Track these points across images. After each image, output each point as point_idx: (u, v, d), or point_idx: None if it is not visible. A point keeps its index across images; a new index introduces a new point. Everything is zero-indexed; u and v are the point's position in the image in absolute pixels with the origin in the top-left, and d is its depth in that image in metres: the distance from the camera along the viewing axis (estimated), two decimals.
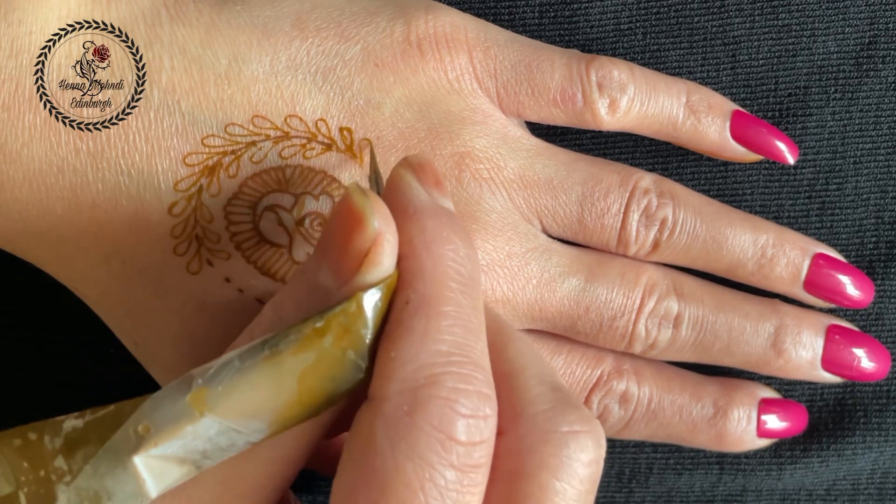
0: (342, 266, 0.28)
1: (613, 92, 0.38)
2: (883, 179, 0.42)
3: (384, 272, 0.28)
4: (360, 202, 0.28)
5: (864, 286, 0.41)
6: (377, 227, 0.28)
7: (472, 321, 0.29)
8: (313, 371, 0.28)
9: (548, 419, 0.29)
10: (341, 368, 0.28)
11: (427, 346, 0.27)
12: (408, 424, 0.27)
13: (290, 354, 0.27)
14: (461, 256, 0.29)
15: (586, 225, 0.38)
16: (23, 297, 0.42)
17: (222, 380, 0.27)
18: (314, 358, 0.28)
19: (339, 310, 0.28)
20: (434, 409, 0.27)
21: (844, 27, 0.41)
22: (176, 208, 0.35)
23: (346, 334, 0.28)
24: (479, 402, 0.27)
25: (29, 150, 0.34)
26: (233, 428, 0.27)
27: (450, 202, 0.31)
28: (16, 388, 0.43)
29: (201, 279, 0.35)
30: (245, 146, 0.35)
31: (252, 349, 0.28)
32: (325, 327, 0.27)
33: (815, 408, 0.43)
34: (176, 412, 0.27)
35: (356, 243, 0.28)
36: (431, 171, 0.31)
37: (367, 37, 0.36)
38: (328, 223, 0.29)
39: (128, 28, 0.35)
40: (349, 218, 0.28)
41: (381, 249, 0.28)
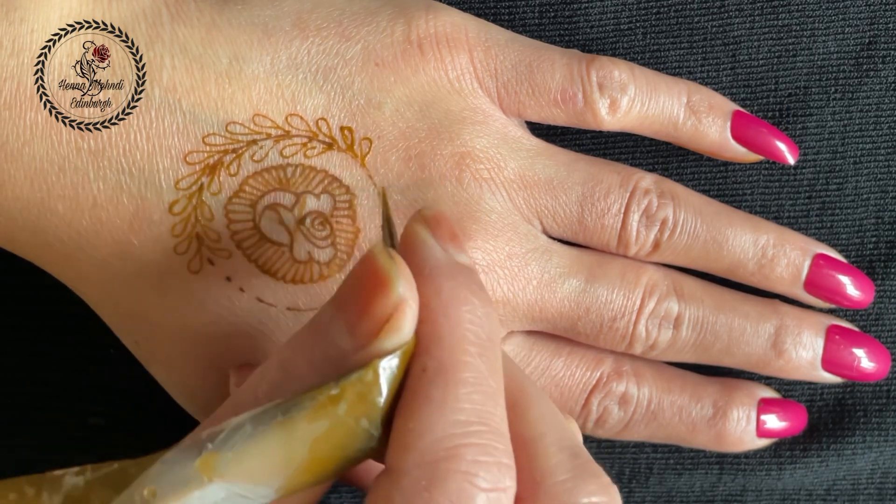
0: (361, 328, 0.27)
1: (614, 92, 0.38)
2: (883, 179, 0.42)
3: (404, 339, 0.27)
4: (385, 265, 0.27)
5: (864, 286, 0.41)
6: (401, 293, 0.27)
7: (490, 386, 0.28)
8: (326, 439, 0.27)
9: (567, 490, 0.28)
10: (354, 437, 0.27)
11: (445, 416, 0.27)
12: (426, 500, 0.26)
13: (304, 421, 0.27)
14: (479, 317, 0.28)
15: (586, 225, 0.38)
16: (23, 296, 0.42)
17: (233, 445, 0.27)
18: (327, 426, 0.27)
19: (356, 378, 0.27)
20: (453, 484, 0.26)
21: (844, 27, 0.41)
22: (177, 207, 0.35)
23: (361, 403, 0.27)
24: (500, 474, 0.27)
25: (30, 148, 0.34)
26: (240, 493, 0.27)
27: (467, 256, 0.30)
28: (16, 388, 0.43)
29: (202, 278, 0.35)
30: (246, 145, 0.35)
31: (265, 413, 0.27)
32: (340, 395, 0.27)
33: (814, 408, 0.43)
34: (185, 477, 0.27)
35: (378, 308, 0.27)
36: (447, 226, 0.30)
37: (368, 36, 0.36)
38: (349, 280, 0.28)
39: (129, 27, 0.35)
40: (373, 280, 0.27)
41: (404, 316, 0.27)
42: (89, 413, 0.43)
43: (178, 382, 0.38)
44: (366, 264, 0.28)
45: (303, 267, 0.35)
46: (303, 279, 0.35)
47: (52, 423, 0.43)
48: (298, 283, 0.35)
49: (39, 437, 0.43)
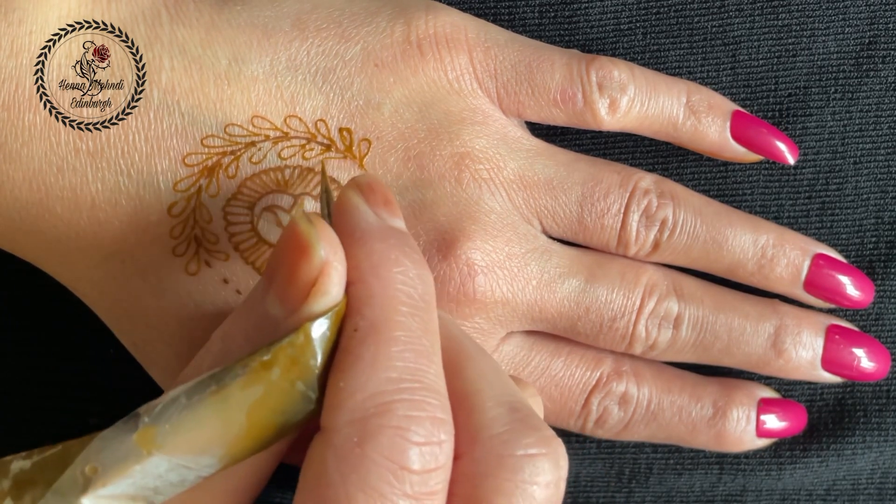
0: (289, 295, 0.28)
1: (614, 92, 0.38)
2: (883, 179, 0.42)
3: (332, 300, 0.28)
4: (305, 230, 0.28)
5: (864, 286, 0.41)
6: (324, 255, 0.27)
7: (423, 344, 0.28)
8: (262, 405, 0.27)
9: (503, 442, 0.29)
10: (291, 401, 0.28)
11: (377, 373, 0.27)
12: (358, 455, 0.26)
13: (238, 389, 0.27)
14: (411, 278, 0.29)
15: (586, 225, 0.38)
16: (23, 296, 0.42)
17: (169, 417, 0.27)
18: (262, 391, 0.27)
19: (287, 342, 0.27)
20: (385, 438, 0.26)
21: (844, 27, 0.41)
22: (175, 209, 0.35)
23: (294, 366, 0.27)
24: (433, 427, 0.27)
25: (29, 149, 0.34)
26: (182, 464, 0.27)
27: (400, 221, 0.30)
28: (16, 388, 0.43)
29: (199, 280, 0.35)
30: (244, 146, 0.35)
31: (199, 384, 0.27)
32: (273, 360, 0.27)
33: (814, 408, 0.43)
34: (123, 452, 0.27)
35: (303, 272, 0.27)
36: (380, 191, 0.31)
37: (367, 37, 0.36)
38: (274, 251, 0.29)
39: (128, 28, 0.35)
40: (295, 246, 0.28)
41: (329, 279, 0.27)
42: (89, 413, 0.43)
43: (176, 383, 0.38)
44: (287, 232, 0.28)
45: None
46: None
47: (52, 423, 0.43)
48: None
49: (39, 437, 0.43)
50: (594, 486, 0.44)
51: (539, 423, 0.29)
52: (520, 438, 0.29)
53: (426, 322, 0.29)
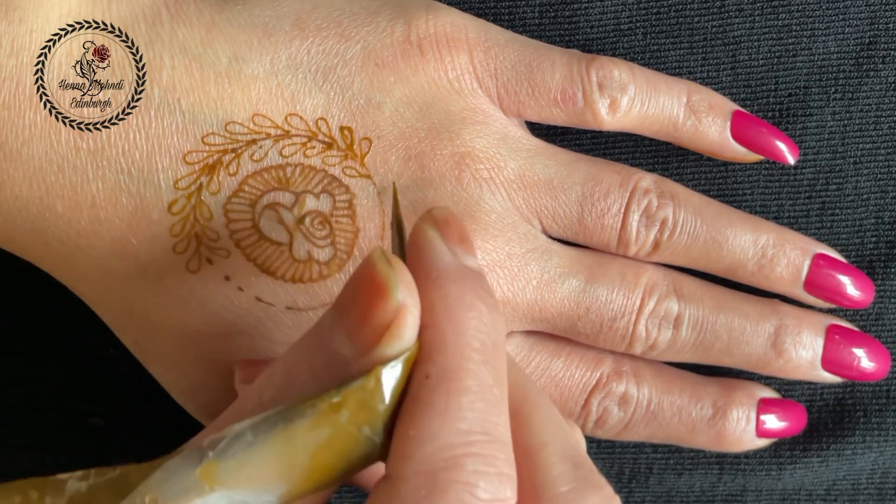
0: (362, 336, 0.27)
1: (614, 92, 0.38)
2: (883, 179, 0.42)
3: (406, 345, 0.27)
4: (384, 272, 0.27)
5: (864, 286, 0.41)
6: (401, 299, 0.27)
7: (494, 394, 0.27)
8: (327, 447, 0.27)
9: (568, 502, 0.28)
10: (356, 444, 0.27)
11: (447, 424, 0.26)
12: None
13: (305, 430, 0.27)
14: (485, 324, 0.28)
15: (586, 225, 0.38)
16: (22, 296, 0.42)
17: (234, 454, 0.26)
18: (329, 434, 0.27)
19: (358, 385, 0.27)
20: (453, 494, 0.26)
21: (844, 27, 0.41)
22: (176, 206, 0.35)
23: (362, 410, 0.27)
24: (500, 484, 0.27)
25: (29, 148, 0.34)
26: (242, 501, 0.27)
27: (475, 260, 0.30)
28: (16, 388, 0.43)
29: (201, 277, 0.35)
30: (245, 144, 0.35)
31: (265, 421, 0.27)
32: (342, 403, 0.27)
33: (814, 408, 0.43)
34: (185, 485, 0.26)
35: (378, 314, 0.27)
36: (457, 226, 0.30)
37: (368, 36, 0.36)
38: (348, 286, 0.28)
39: (128, 27, 0.35)
40: (372, 286, 0.27)
41: (404, 323, 0.27)
42: (89, 413, 0.43)
43: (177, 382, 0.38)
44: (364, 270, 0.27)
45: (302, 266, 0.35)
46: (302, 278, 0.35)
47: (52, 424, 0.43)
48: (297, 282, 0.35)
49: (40, 437, 0.43)
50: None
51: (601, 482, 0.29)
52: (586, 498, 0.28)
53: (497, 371, 0.28)
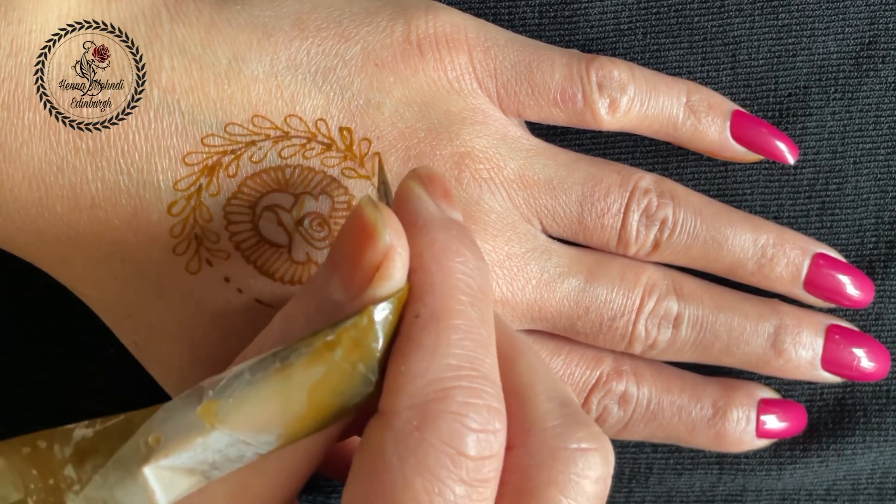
0: (353, 279, 0.28)
1: (613, 92, 0.38)
2: (883, 179, 0.42)
3: (395, 286, 0.28)
4: (371, 215, 0.28)
5: (863, 286, 0.41)
6: (389, 240, 0.28)
7: (481, 334, 0.28)
8: (323, 384, 0.28)
9: (556, 436, 0.29)
10: (351, 382, 0.28)
11: (437, 360, 0.27)
12: (417, 440, 0.27)
13: (301, 368, 0.27)
14: (471, 269, 0.29)
15: (586, 225, 0.38)
16: (22, 296, 0.42)
17: (233, 392, 0.27)
18: (324, 371, 0.27)
19: (350, 323, 0.28)
20: (444, 424, 0.27)
21: (844, 27, 0.41)
22: (175, 208, 0.35)
23: (356, 348, 0.28)
24: (489, 416, 0.27)
25: (28, 148, 0.34)
26: (242, 440, 0.27)
27: (459, 214, 0.31)
28: (16, 388, 0.43)
29: (200, 279, 0.35)
30: (245, 146, 0.35)
31: (262, 362, 0.27)
32: (336, 341, 0.27)
33: (814, 408, 0.43)
34: (186, 424, 0.27)
35: (368, 257, 0.28)
36: (440, 183, 0.31)
37: (368, 37, 0.36)
38: (339, 236, 0.29)
39: (128, 28, 0.35)
40: (361, 231, 0.28)
41: (393, 263, 0.28)
42: (89, 413, 0.43)
43: (177, 383, 0.38)
44: (353, 217, 0.28)
45: (301, 268, 0.35)
46: (301, 280, 0.35)
47: (52, 423, 0.43)
48: (297, 284, 0.35)
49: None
50: None
51: (588, 420, 0.30)
52: (572, 433, 0.29)
53: (483, 312, 0.29)
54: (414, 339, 0.28)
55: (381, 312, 0.28)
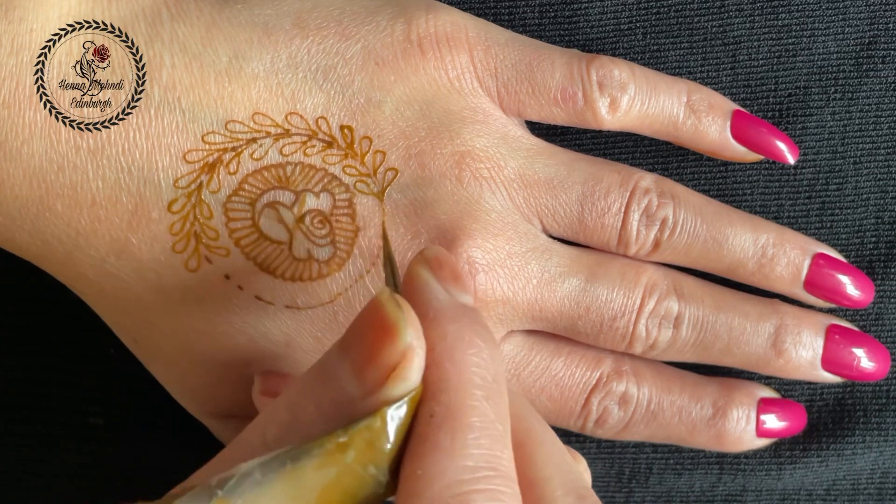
0: (368, 375, 0.27)
1: (614, 91, 0.38)
2: (883, 179, 0.42)
3: (411, 386, 0.27)
4: (394, 313, 0.27)
5: (864, 286, 0.41)
6: (409, 341, 0.27)
7: (497, 429, 0.28)
8: (334, 486, 0.27)
9: None
10: (362, 484, 0.27)
11: (454, 461, 0.27)
12: None
13: (312, 469, 0.27)
14: (484, 359, 0.28)
15: (587, 224, 0.38)
16: (22, 296, 0.42)
17: (242, 492, 0.27)
18: (335, 473, 0.27)
19: (364, 425, 0.27)
20: None
21: (844, 27, 0.41)
22: (175, 205, 0.35)
23: (369, 450, 0.27)
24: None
25: (29, 147, 0.34)
26: None
27: (469, 297, 0.30)
28: (16, 387, 0.43)
29: (200, 276, 0.35)
30: (245, 143, 0.35)
31: (273, 461, 0.27)
32: (349, 443, 0.27)
33: (814, 408, 0.43)
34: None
35: (386, 354, 0.27)
36: (449, 266, 0.30)
37: (368, 35, 0.36)
38: (356, 325, 0.28)
39: (128, 26, 0.35)
40: (380, 327, 0.27)
41: (411, 364, 0.27)
42: (89, 413, 0.43)
43: (177, 380, 0.38)
44: (373, 311, 0.28)
45: (302, 265, 0.35)
46: (301, 277, 0.35)
47: (51, 423, 0.43)
48: (297, 281, 0.35)
49: (39, 436, 0.43)
50: (594, 486, 0.44)
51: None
52: None
53: (499, 405, 0.28)
54: (430, 440, 0.27)
55: (395, 414, 0.27)
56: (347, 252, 0.36)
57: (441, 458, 0.27)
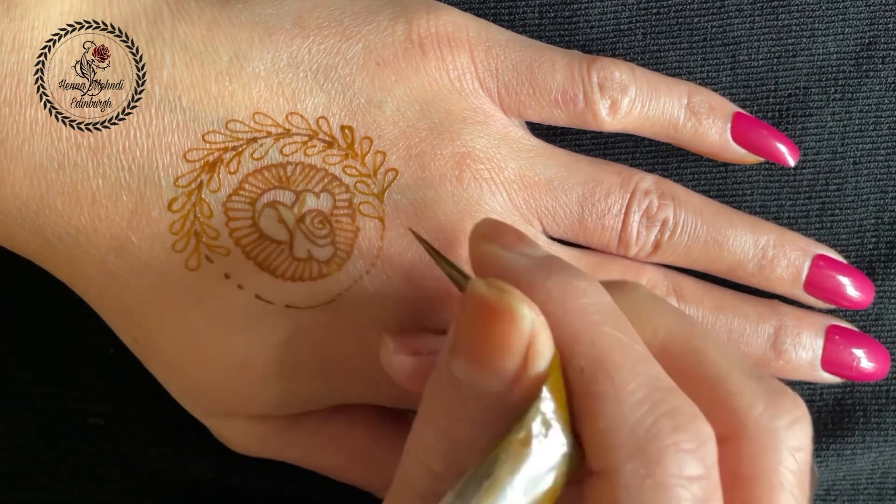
0: (508, 367, 0.27)
1: (615, 93, 0.38)
2: (883, 179, 0.42)
3: (550, 356, 0.27)
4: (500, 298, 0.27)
5: (864, 287, 0.41)
6: (530, 317, 0.27)
7: (639, 351, 0.28)
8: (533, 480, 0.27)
9: (771, 417, 0.29)
10: (555, 462, 0.27)
11: (626, 402, 0.27)
12: (653, 486, 0.26)
13: (507, 474, 0.27)
14: (593, 296, 0.28)
15: (587, 226, 0.38)
16: (22, 295, 0.42)
17: None
18: (529, 466, 0.27)
19: (533, 411, 0.27)
20: (668, 459, 0.26)
21: (844, 27, 0.41)
22: (176, 204, 0.35)
23: (547, 429, 0.27)
24: (697, 426, 0.27)
25: (30, 145, 0.34)
26: None
27: (540, 248, 0.30)
28: (16, 387, 0.43)
29: (200, 275, 0.35)
30: (246, 143, 0.35)
31: (468, 486, 0.26)
32: (528, 435, 0.27)
33: (814, 408, 0.43)
34: None
35: (516, 341, 0.27)
36: (507, 229, 0.30)
37: (369, 35, 0.36)
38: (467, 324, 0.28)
39: (129, 25, 0.35)
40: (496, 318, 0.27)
41: (541, 337, 0.27)
42: (89, 413, 0.43)
43: (177, 380, 0.38)
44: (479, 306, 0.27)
45: (302, 265, 0.35)
46: (302, 277, 0.35)
47: (51, 423, 0.43)
48: (297, 280, 0.35)
49: (39, 436, 0.43)
50: None
51: (783, 385, 0.30)
52: (782, 407, 0.29)
53: (626, 328, 0.28)
54: (592, 392, 0.27)
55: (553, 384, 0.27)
56: (347, 252, 0.36)
57: (612, 404, 0.27)
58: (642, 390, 0.27)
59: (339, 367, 0.37)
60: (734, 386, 0.30)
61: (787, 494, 0.29)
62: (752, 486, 0.29)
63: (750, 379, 0.30)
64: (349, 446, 0.40)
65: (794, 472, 0.29)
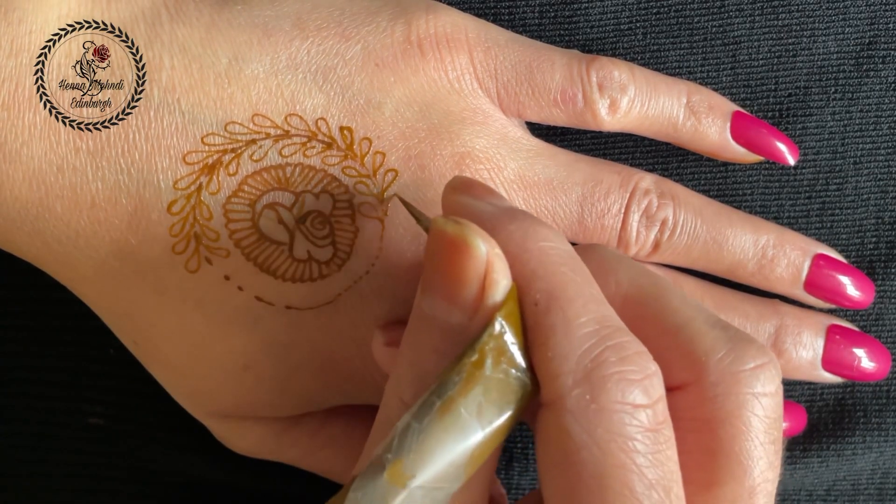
0: (465, 297, 0.29)
1: (614, 92, 0.38)
2: (883, 179, 0.42)
3: (506, 286, 0.29)
4: (458, 231, 0.28)
5: (864, 287, 0.41)
6: (484, 248, 0.28)
7: (592, 292, 0.29)
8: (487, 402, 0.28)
9: (733, 360, 0.30)
10: (510, 389, 0.28)
11: (575, 333, 0.28)
12: (596, 410, 0.27)
13: (461, 395, 0.28)
14: (554, 240, 0.30)
15: (586, 226, 0.38)
16: (22, 297, 0.42)
17: (409, 445, 0.27)
18: (482, 390, 0.28)
19: (486, 335, 0.28)
20: (612, 386, 0.27)
21: (844, 27, 0.41)
22: (175, 206, 0.35)
23: (501, 355, 0.28)
24: (643, 361, 0.28)
25: (29, 149, 0.34)
26: (434, 487, 0.28)
27: (507, 201, 0.32)
28: (16, 388, 0.43)
29: (200, 277, 0.35)
30: (245, 144, 0.35)
31: (423, 406, 0.28)
32: (481, 357, 0.28)
33: (814, 408, 0.43)
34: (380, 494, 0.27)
35: (471, 270, 0.28)
36: (477, 184, 0.32)
37: (368, 36, 0.36)
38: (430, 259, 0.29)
39: (128, 27, 0.35)
40: (453, 249, 0.28)
41: (497, 267, 0.28)
42: (89, 413, 0.43)
43: (177, 381, 0.38)
44: (438, 239, 0.29)
45: (302, 266, 0.35)
46: (302, 278, 0.35)
47: (51, 424, 0.43)
48: (297, 281, 0.35)
49: (39, 437, 0.43)
50: None
51: (748, 335, 0.31)
52: (745, 353, 0.30)
53: (583, 272, 0.30)
54: (544, 323, 0.28)
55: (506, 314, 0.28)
56: (347, 253, 0.36)
57: (562, 335, 0.28)
58: (592, 325, 0.28)
59: (338, 368, 0.37)
60: (696, 333, 0.30)
61: (752, 440, 0.30)
62: (716, 429, 0.30)
63: (713, 327, 0.31)
64: (348, 448, 0.40)
65: (761, 417, 0.30)
